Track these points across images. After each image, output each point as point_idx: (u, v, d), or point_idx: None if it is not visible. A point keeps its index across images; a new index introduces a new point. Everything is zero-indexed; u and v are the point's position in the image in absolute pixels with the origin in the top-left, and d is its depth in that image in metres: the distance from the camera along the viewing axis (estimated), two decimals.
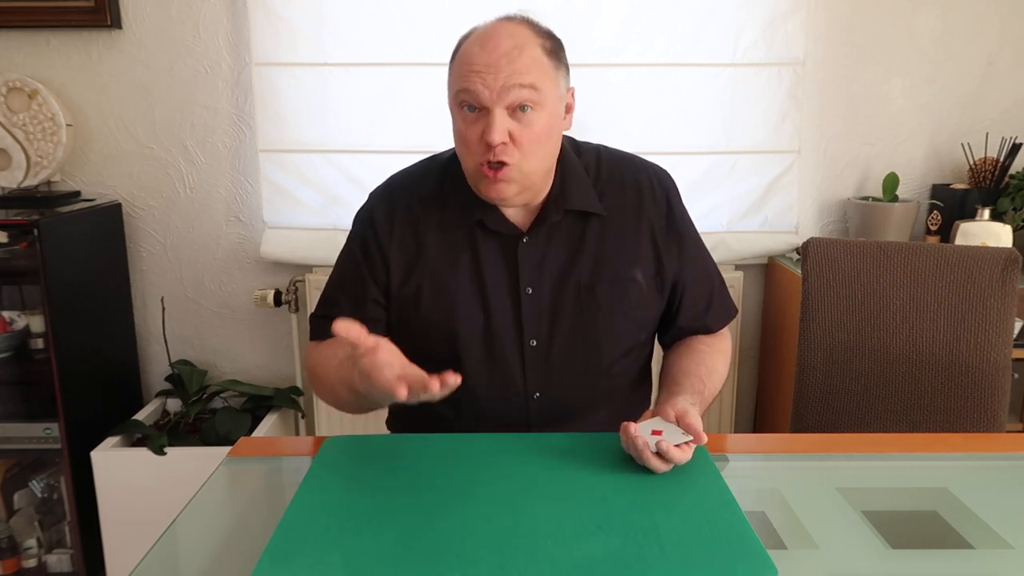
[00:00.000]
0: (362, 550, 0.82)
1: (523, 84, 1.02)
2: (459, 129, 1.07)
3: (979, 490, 1.01)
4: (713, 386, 1.17)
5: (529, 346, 1.14)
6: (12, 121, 2.10)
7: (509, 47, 1.02)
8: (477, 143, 1.05)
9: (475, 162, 1.06)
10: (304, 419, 2.36)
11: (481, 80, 1.02)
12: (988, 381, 1.47)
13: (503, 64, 1.01)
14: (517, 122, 1.04)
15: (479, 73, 1.02)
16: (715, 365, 1.19)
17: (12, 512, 2.10)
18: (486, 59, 1.02)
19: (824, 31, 2.20)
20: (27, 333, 2.05)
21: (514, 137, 1.04)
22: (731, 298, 1.29)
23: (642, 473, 0.97)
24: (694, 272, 1.22)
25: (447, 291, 1.14)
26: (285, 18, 2.12)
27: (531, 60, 1.03)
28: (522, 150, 1.05)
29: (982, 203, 2.10)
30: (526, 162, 1.06)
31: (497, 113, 1.02)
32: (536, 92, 1.03)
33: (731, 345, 1.28)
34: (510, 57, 1.02)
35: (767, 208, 2.27)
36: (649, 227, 1.17)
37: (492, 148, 1.03)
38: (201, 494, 1.00)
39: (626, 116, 2.19)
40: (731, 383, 2.30)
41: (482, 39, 1.04)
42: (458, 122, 1.07)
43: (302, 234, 2.24)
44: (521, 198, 1.11)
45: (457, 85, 1.05)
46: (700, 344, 1.23)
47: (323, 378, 1.15)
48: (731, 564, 0.79)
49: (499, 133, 1.02)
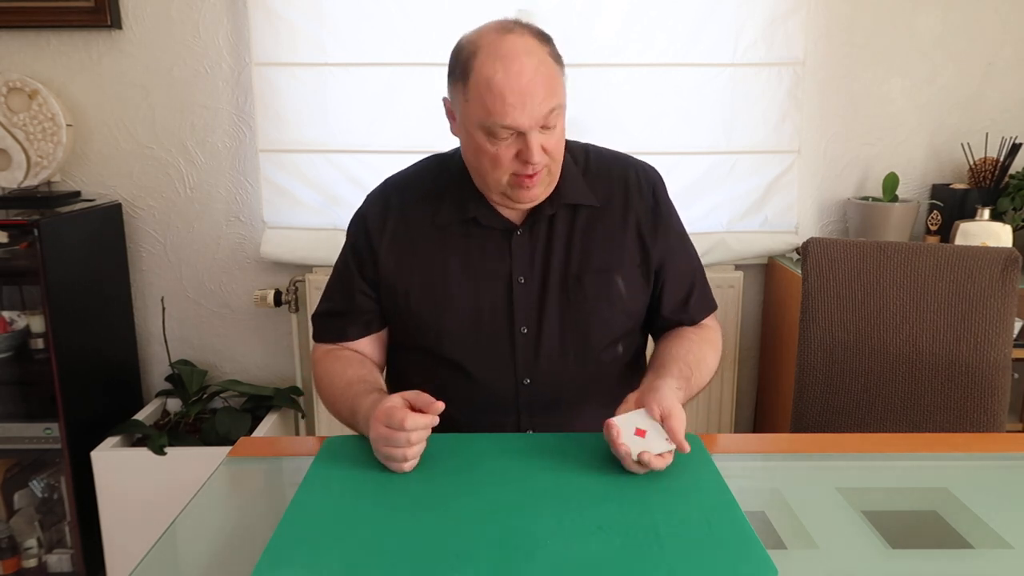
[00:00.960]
0: (362, 550, 0.82)
1: (553, 108, 1.06)
2: (487, 151, 1.08)
3: (979, 490, 1.01)
4: (701, 375, 1.18)
5: (520, 333, 1.17)
6: (12, 121, 2.10)
7: (532, 70, 1.04)
8: (511, 161, 1.08)
9: (507, 174, 1.10)
10: (304, 419, 2.36)
11: (519, 112, 1.03)
12: (988, 381, 1.47)
13: (534, 91, 1.03)
14: (545, 134, 1.08)
15: (514, 106, 1.03)
16: (703, 354, 1.21)
17: (12, 512, 2.10)
18: (517, 89, 1.03)
19: (824, 31, 2.20)
20: (27, 333, 2.05)
21: (545, 147, 1.08)
22: (711, 293, 1.31)
23: (642, 473, 0.97)
24: (677, 264, 1.25)
25: (440, 281, 1.18)
26: (285, 18, 2.12)
27: (551, 78, 1.06)
28: (551, 155, 1.10)
29: (982, 203, 2.10)
30: (554, 163, 1.12)
31: (534, 136, 1.06)
32: (561, 107, 1.09)
33: (721, 340, 1.29)
34: (537, 82, 1.04)
35: (767, 208, 2.27)
36: (635, 219, 1.21)
37: (530, 164, 1.07)
38: (201, 494, 1.00)
39: (626, 116, 2.19)
40: (731, 383, 2.30)
41: (503, 63, 1.03)
42: (485, 145, 1.07)
43: (302, 234, 2.24)
44: (547, 193, 1.16)
45: (488, 118, 1.05)
46: (690, 333, 1.25)
47: (328, 390, 1.20)
48: (731, 564, 0.79)
49: (539, 154, 1.06)
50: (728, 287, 2.24)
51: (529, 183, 1.09)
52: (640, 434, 0.98)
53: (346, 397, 1.13)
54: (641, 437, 0.97)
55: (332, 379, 1.19)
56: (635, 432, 0.98)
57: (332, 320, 1.25)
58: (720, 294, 2.21)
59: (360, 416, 1.08)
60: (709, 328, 1.28)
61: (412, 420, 0.97)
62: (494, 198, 1.16)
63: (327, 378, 1.20)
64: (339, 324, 1.24)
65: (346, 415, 1.14)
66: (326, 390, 1.20)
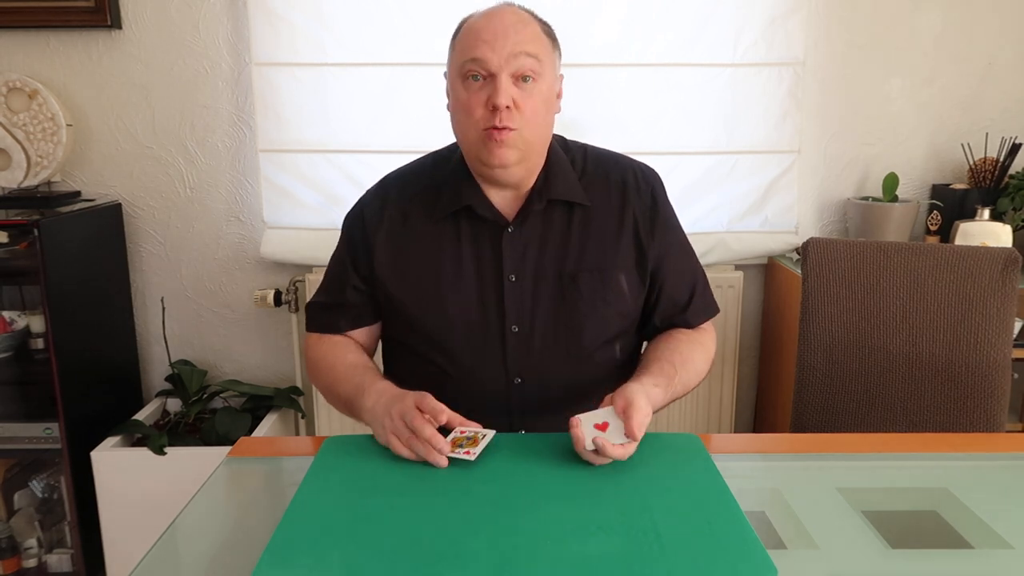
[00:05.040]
0: (362, 550, 0.82)
1: (528, 52, 1.08)
2: (462, 99, 1.11)
3: (979, 490, 1.01)
4: (687, 376, 1.17)
5: (511, 332, 1.17)
6: (12, 121, 2.10)
7: (514, 20, 1.10)
8: (482, 109, 1.09)
9: (478, 129, 1.10)
10: (304, 419, 2.36)
11: (489, 47, 1.07)
12: (988, 381, 1.47)
13: (510, 33, 1.08)
14: (520, 90, 1.09)
15: (487, 42, 1.07)
16: (690, 354, 1.20)
17: (12, 512, 2.10)
18: (492, 29, 1.09)
19: (824, 31, 2.20)
20: (27, 333, 2.05)
21: (517, 104, 1.08)
22: (713, 297, 1.30)
23: (642, 473, 0.97)
24: (676, 266, 1.24)
25: (432, 278, 1.19)
26: (285, 18, 2.12)
27: (533, 33, 1.11)
28: (524, 117, 1.09)
29: (982, 203, 2.10)
30: (528, 129, 1.11)
31: (503, 78, 1.07)
32: (538, 63, 1.10)
33: (714, 344, 1.28)
34: (515, 28, 1.09)
35: (767, 208, 2.27)
36: (632, 219, 1.20)
37: (498, 112, 1.07)
38: (201, 494, 1.00)
39: (626, 116, 2.19)
40: (731, 383, 2.30)
41: (487, 15, 1.11)
42: (461, 92, 1.11)
43: (302, 234, 2.24)
44: (519, 168, 1.14)
45: (463, 55, 1.10)
46: (679, 334, 1.24)
47: (328, 372, 1.22)
48: (731, 564, 0.79)
49: (505, 96, 1.07)
50: (728, 287, 2.24)
51: (498, 138, 1.08)
52: (601, 428, 0.99)
53: (349, 377, 1.16)
54: (602, 431, 0.99)
55: (332, 362, 1.21)
56: (595, 426, 0.99)
57: (324, 312, 1.27)
58: (720, 294, 2.21)
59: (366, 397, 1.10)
60: (702, 331, 1.27)
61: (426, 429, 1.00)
62: (473, 164, 1.16)
63: (325, 360, 1.23)
64: (330, 316, 1.26)
65: (347, 395, 1.15)
66: (325, 372, 1.22)
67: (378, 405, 1.07)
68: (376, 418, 1.07)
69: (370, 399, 1.10)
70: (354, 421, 1.17)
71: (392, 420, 1.03)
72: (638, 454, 1.00)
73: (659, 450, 1.04)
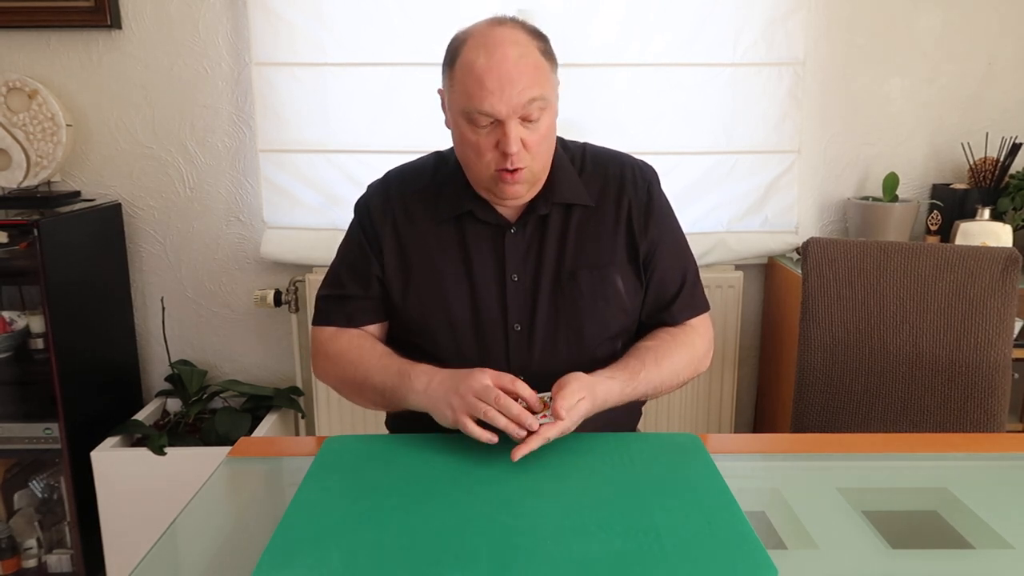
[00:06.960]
0: (362, 550, 0.82)
1: (534, 98, 1.06)
2: (470, 140, 1.09)
3: (979, 490, 1.01)
4: (660, 375, 1.16)
5: (513, 330, 1.18)
6: (12, 121, 2.10)
7: (515, 57, 1.05)
8: (492, 152, 1.08)
9: (490, 169, 1.10)
10: (304, 419, 2.36)
11: (496, 98, 1.04)
12: (988, 381, 1.47)
13: (514, 78, 1.04)
14: (527, 129, 1.08)
15: (493, 92, 1.04)
16: (669, 352, 1.18)
17: (12, 512, 2.10)
18: (497, 74, 1.04)
19: (824, 31, 2.20)
20: (27, 333, 2.05)
21: (525, 143, 1.08)
22: (704, 296, 1.28)
23: (642, 473, 0.97)
24: (666, 259, 1.23)
25: (436, 278, 1.18)
26: (285, 18, 2.12)
27: (535, 69, 1.07)
28: (532, 152, 1.10)
29: (982, 203, 2.10)
30: (536, 162, 1.11)
31: (512, 125, 1.06)
32: (544, 101, 1.08)
33: (705, 343, 1.25)
34: (519, 69, 1.05)
35: (767, 208, 2.27)
36: (627, 214, 1.21)
37: (509, 157, 1.07)
38: (201, 494, 1.00)
39: (626, 116, 2.19)
40: (731, 383, 2.30)
41: (486, 50, 1.05)
42: (468, 134, 1.09)
43: (302, 234, 2.24)
44: (530, 195, 1.16)
45: (469, 103, 1.06)
46: (663, 333, 1.23)
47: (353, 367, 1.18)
48: (731, 564, 0.79)
49: (516, 143, 1.07)
50: (728, 287, 2.24)
51: (510, 179, 1.09)
52: (543, 406, 1.03)
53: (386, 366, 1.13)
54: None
55: (361, 354, 1.17)
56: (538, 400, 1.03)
57: (341, 303, 1.23)
58: (720, 294, 2.21)
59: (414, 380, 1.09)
60: (690, 329, 1.24)
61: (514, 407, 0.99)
62: (483, 192, 1.16)
63: (350, 354, 1.18)
64: (349, 308, 1.22)
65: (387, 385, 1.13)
66: (351, 366, 1.18)
67: (433, 384, 1.06)
68: (437, 398, 1.04)
69: (420, 381, 1.08)
70: (354, 420, 1.17)
71: (463, 398, 1.01)
72: (638, 454, 1.00)
73: (659, 450, 1.04)
